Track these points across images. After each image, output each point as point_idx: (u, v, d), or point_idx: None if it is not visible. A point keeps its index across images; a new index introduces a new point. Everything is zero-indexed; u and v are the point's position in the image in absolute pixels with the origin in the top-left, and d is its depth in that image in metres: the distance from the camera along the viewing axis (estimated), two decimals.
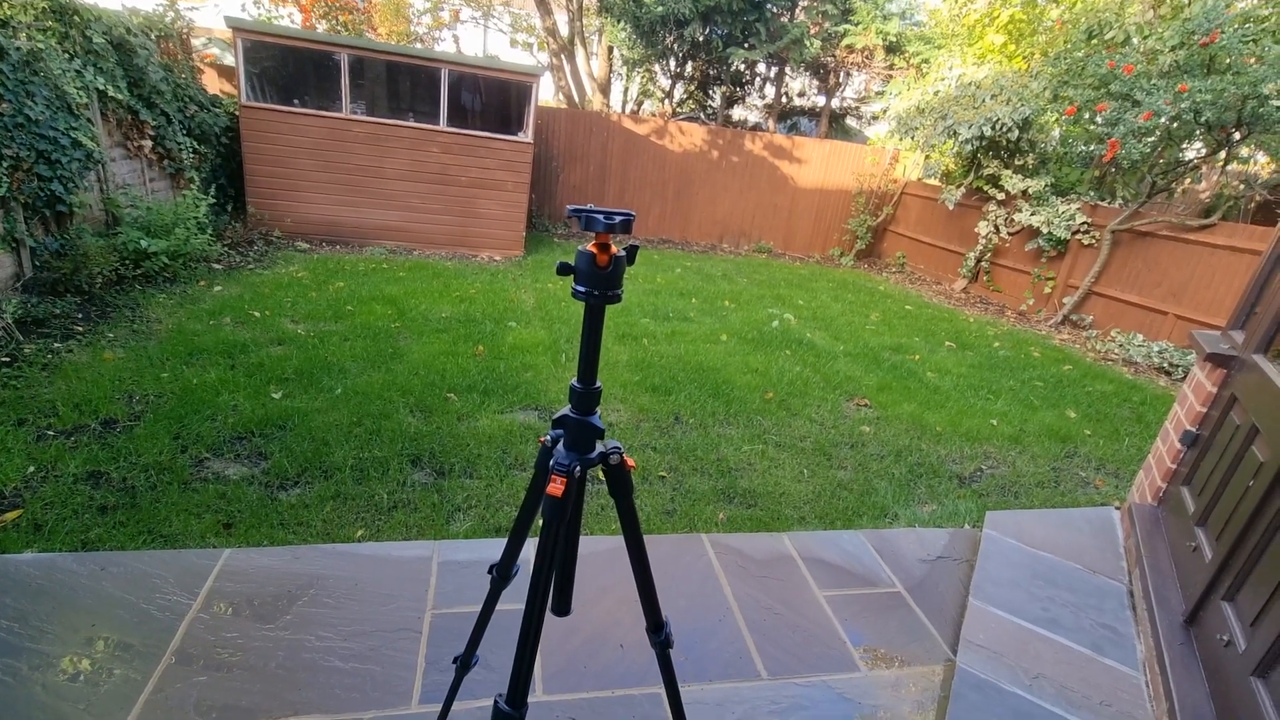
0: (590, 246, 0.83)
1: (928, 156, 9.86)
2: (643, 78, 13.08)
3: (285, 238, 7.47)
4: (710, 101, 13.46)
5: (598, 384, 0.99)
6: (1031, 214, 7.84)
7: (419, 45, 12.66)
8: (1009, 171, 8.12)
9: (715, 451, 3.61)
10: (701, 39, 10.76)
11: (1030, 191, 7.90)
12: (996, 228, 8.44)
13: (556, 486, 1.00)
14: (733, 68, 11.78)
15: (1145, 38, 6.68)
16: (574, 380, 0.98)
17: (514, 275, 7.20)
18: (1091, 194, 8.07)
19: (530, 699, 1.29)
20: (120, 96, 5.39)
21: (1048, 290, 7.91)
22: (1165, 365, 6.16)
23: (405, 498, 2.89)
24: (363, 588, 2.22)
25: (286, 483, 2.91)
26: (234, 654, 1.90)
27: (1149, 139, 6.53)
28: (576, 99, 12.54)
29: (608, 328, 5.53)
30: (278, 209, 7.46)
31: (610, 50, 12.46)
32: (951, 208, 8.50)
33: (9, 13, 4.37)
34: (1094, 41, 7.29)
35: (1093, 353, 6.71)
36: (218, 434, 3.20)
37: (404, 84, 8.27)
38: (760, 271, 9.18)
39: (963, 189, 8.57)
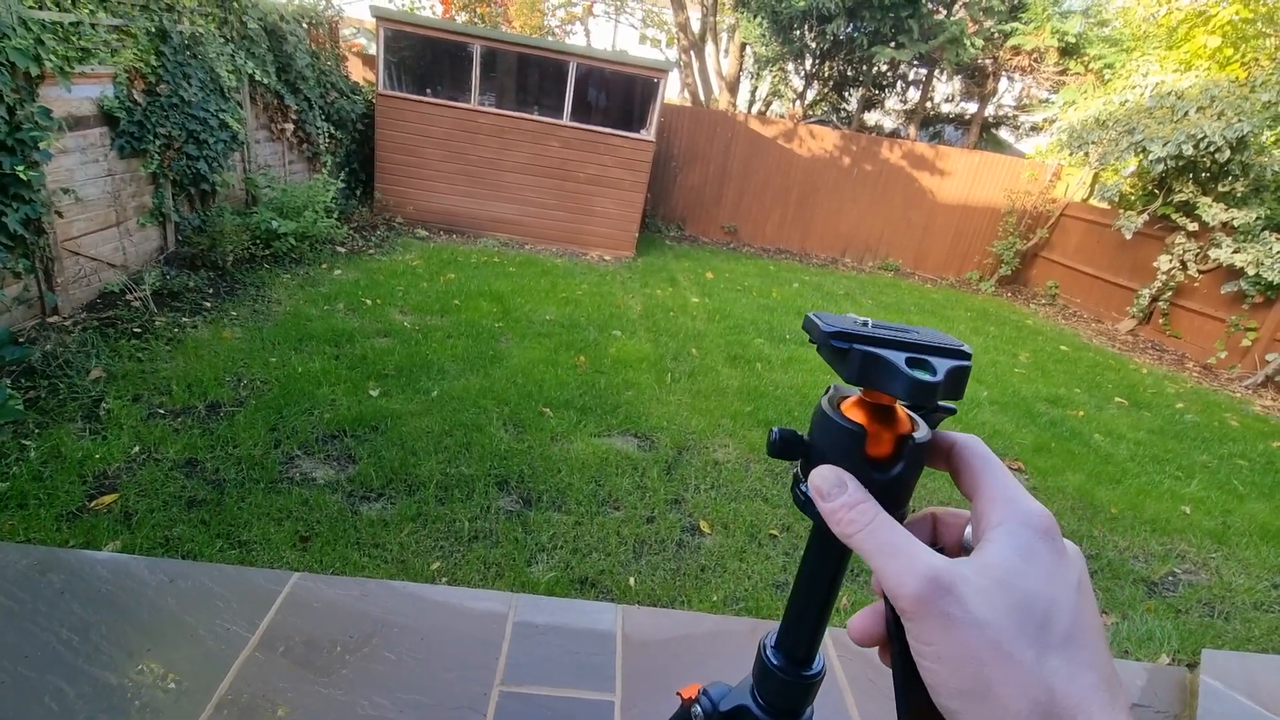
0: (850, 406, 0.37)
1: (1097, 175, 8.62)
2: (774, 77, 12.46)
3: (406, 224, 7.62)
4: (845, 104, 12.61)
5: (819, 665, 0.46)
6: (1234, 251, 6.57)
7: (550, 39, 12.75)
8: (1208, 199, 6.86)
9: None
10: (844, 36, 10.02)
11: (1235, 224, 6.62)
12: (1183, 263, 7.18)
13: None
14: (875, 68, 10.92)
15: None
16: (767, 643, 0.46)
17: (623, 278, 6.93)
18: None
19: None
20: (268, 81, 5.60)
21: (1246, 343, 6.60)
22: None
23: (487, 527, 2.63)
24: (428, 644, 1.95)
25: (370, 494, 2.74)
26: (281, 711, 1.67)
27: None
28: (702, 97, 12.15)
29: (715, 344, 5.12)
30: (402, 196, 7.63)
31: (743, 47, 11.95)
32: (1129, 236, 7.33)
33: None
34: None
35: None
36: (312, 430, 3.10)
37: (532, 77, 8.23)
38: (887, 293, 8.39)
39: (1145, 215, 7.35)
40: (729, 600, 2.44)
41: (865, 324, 0.35)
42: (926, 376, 0.32)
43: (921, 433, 0.35)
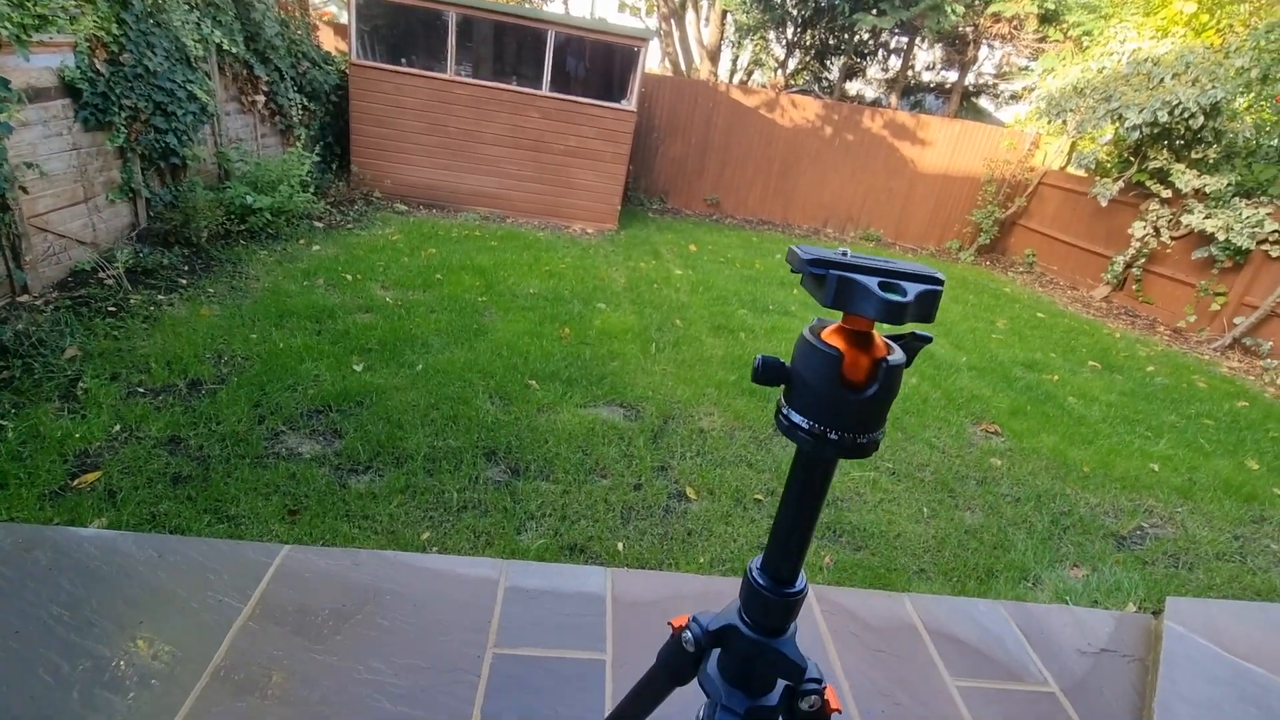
0: (830, 334, 0.39)
1: (1075, 143, 8.69)
2: (756, 45, 12.31)
3: (385, 198, 7.49)
4: (826, 73, 12.51)
5: (801, 583, 0.50)
6: (1205, 216, 6.69)
7: (527, 5, 12.43)
8: (1181, 165, 6.95)
9: None
10: (826, 3, 9.90)
11: (1207, 190, 6.73)
12: (1156, 230, 7.30)
13: None
14: (857, 36, 10.82)
15: None
16: (753, 566, 0.50)
17: (605, 251, 6.90)
18: None
19: None
20: (237, 50, 5.42)
21: (1215, 308, 6.77)
22: None
23: (476, 498, 2.65)
24: (421, 610, 1.98)
25: (358, 467, 2.75)
26: (278, 677, 1.70)
27: None
28: (683, 66, 11.98)
29: (699, 315, 5.14)
30: (380, 169, 7.48)
31: (723, 15, 11.76)
32: (1105, 204, 7.42)
33: None
34: None
35: (1273, 387, 5.66)
36: (296, 405, 3.08)
37: (509, 46, 8.05)
38: None
39: (1120, 183, 7.44)
40: (715, 562, 2.50)
41: (844, 254, 0.37)
42: (897, 297, 0.34)
43: (896, 356, 0.38)
